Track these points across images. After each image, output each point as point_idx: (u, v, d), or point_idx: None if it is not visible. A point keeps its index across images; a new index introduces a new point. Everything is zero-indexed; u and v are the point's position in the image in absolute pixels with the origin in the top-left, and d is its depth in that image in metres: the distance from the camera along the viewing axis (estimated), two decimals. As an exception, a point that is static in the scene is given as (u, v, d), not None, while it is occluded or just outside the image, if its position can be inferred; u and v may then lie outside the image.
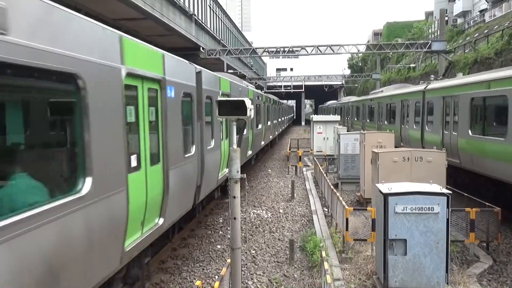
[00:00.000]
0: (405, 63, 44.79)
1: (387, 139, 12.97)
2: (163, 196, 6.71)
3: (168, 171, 6.80)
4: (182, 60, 7.97)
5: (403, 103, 18.83)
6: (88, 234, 4.41)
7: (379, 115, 23.48)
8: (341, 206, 9.13)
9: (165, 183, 6.77)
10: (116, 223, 5.05)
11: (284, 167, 22.70)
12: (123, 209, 5.23)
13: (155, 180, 6.42)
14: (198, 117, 8.88)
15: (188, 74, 8.25)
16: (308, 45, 29.35)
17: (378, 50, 28.70)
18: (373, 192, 8.69)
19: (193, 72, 8.65)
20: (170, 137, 6.93)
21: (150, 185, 6.20)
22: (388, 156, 9.98)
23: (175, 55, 7.66)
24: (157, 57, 6.58)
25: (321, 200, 14.19)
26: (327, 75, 61.85)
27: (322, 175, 13.95)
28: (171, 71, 7.10)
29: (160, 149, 6.66)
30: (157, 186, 6.47)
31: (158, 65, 6.61)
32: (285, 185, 17.64)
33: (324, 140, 23.10)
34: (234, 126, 6.25)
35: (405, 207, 6.54)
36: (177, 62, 7.56)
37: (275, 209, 13.45)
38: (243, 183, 6.53)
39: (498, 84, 10.48)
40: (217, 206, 13.55)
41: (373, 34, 77.35)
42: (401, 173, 9.63)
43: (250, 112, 5.85)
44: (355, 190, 15.28)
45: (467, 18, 45.45)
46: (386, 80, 50.20)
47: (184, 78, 7.89)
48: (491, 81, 10.90)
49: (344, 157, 15.79)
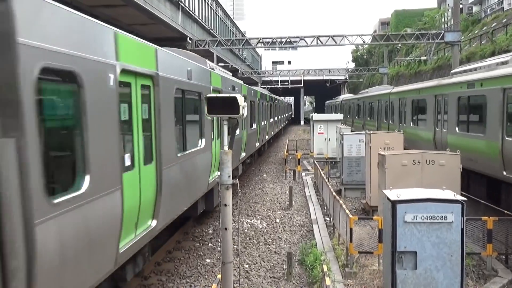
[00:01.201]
0: (415, 56, 45.04)
1: (395, 140, 13.03)
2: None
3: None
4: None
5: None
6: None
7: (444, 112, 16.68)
8: (345, 215, 9.16)
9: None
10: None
11: (281, 172, 22.71)
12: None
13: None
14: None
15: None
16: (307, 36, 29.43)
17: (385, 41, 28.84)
18: (380, 199, 8.71)
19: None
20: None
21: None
22: (396, 159, 10.02)
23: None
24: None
25: (322, 208, 14.22)
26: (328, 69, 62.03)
27: (323, 180, 13.98)
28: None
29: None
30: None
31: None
32: (282, 191, 17.65)
33: (325, 141, 23.16)
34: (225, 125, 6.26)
35: (416, 215, 6.56)
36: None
37: (271, 219, 13.46)
38: (235, 189, 6.54)
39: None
40: (206, 215, 13.54)
41: (380, 24, 77.72)
42: (411, 178, 9.67)
43: (243, 110, 5.86)
44: (360, 197, 15.32)
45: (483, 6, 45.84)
46: (395, 74, 50.46)
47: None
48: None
49: (348, 160, 15.84)
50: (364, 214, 13.20)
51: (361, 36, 29.34)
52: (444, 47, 34.93)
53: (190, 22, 30.86)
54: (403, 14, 65.76)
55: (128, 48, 6.08)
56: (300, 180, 20.18)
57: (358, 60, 77.95)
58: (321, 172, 15.59)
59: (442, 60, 35.44)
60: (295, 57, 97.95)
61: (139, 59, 6.47)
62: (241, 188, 18.02)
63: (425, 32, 28.89)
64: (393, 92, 23.62)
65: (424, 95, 17.63)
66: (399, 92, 22.13)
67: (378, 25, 78.74)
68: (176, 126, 8.23)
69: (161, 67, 7.34)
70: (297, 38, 29.82)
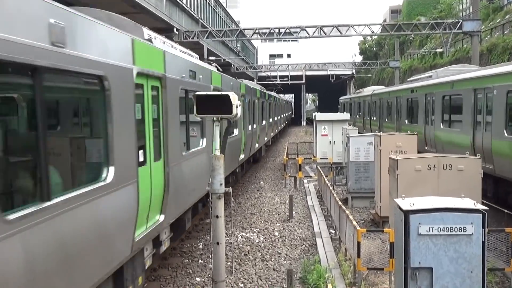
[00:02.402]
0: (430, 48, 45.26)
1: (408, 142, 13.05)
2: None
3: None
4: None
5: None
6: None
7: None
8: (352, 227, 9.16)
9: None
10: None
11: (280, 179, 22.72)
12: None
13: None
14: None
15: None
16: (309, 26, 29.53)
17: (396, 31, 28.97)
18: (391, 209, 8.71)
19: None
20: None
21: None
22: (409, 163, 10.04)
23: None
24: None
25: (326, 219, 14.24)
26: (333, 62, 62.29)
27: (328, 188, 14.00)
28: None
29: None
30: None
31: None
32: (282, 201, 17.66)
33: (330, 144, 23.19)
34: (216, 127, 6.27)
35: (431, 227, 6.57)
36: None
37: (268, 232, 13.46)
38: (228, 198, 6.56)
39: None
40: (195, 227, 13.51)
41: (390, 12, 78.04)
42: (425, 185, 9.69)
43: (237, 110, 5.87)
44: (369, 207, 15.34)
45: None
46: (407, 68, 50.66)
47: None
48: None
49: (355, 165, 15.86)
50: (373, 226, 13.21)
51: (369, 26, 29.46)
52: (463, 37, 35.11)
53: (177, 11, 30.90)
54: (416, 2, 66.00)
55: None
56: (301, 188, 20.19)
57: (366, 53, 78.22)
58: (325, 179, 15.60)
59: (460, 52, 35.63)
60: (296, 50, 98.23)
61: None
62: (235, 197, 18.00)
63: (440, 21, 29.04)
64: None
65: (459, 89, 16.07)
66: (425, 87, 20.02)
67: (388, 13, 79.07)
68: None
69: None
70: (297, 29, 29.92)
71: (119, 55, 6.49)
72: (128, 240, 6.73)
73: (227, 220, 12.46)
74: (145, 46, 7.65)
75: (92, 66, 5.65)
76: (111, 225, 6.12)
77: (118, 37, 6.56)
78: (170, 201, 8.52)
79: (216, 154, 6.18)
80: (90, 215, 5.52)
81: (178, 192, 9.03)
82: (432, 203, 6.85)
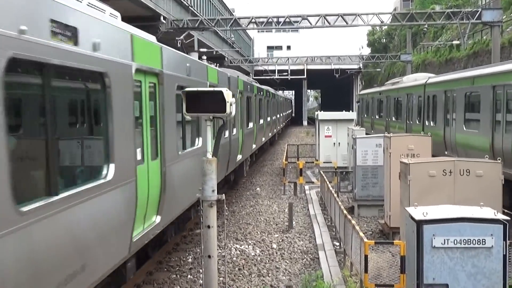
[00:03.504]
0: (446, 40, 45.39)
1: (421, 144, 13.07)
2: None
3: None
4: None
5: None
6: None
7: None
8: (358, 239, 9.19)
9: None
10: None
11: (278, 185, 22.74)
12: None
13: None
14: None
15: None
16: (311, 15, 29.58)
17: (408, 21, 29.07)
18: (403, 219, 8.73)
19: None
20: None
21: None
22: (422, 168, 10.07)
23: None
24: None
25: (330, 230, 14.26)
26: (338, 56, 62.36)
27: (332, 196, 14.02)
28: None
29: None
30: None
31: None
32: (280, 209, 17.68)
33: (334, 147, 23.22)
34: (208, 127, 6.29)
35: (447, 239, 6.59)
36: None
37: (265, 243, 13.47)
38: (221, 207, 6.58)
39: None
40: (184, 239, 13.51)
41: (402, 0, 78.27)
42: (440, 192, 9.71)
43: (231, 108, 5.89)
44: (378, 217, 15.36)
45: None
46: (420, 62, 50.78)
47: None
48: None
49: (362, 170, 15.88)
50: (382, 238, 13.23)
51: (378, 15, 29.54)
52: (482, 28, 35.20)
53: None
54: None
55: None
56: (302, 195, 20.22)
57: (374, 45, 78.32)
58: (328, 185, 15.62)
59: (479, 45, 35.72)
60: (296, 42, 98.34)
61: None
62: (228, 205, 18.00)
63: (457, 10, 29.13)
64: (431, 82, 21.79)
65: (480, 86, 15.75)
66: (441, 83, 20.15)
67: (399, 1, 79.30)
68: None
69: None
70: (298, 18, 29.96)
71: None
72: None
73: (219, 231, 12.46)
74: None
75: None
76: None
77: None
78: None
79: (208, 157, 6.20)
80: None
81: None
82: (447, 212, 6.88)
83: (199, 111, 6.05)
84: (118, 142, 6.93)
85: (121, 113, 7.02)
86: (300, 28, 33.29)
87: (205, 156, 6.26)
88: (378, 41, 78.01)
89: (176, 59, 10.23)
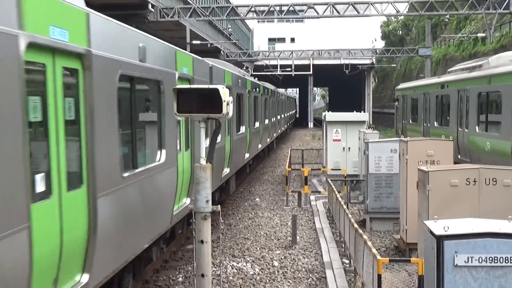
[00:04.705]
0: (470, 32, 45.50)
1: (442, 149, 13.09)
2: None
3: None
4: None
5: None
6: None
7: None
8: (371, 256, 9.20)
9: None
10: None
11: (280, 194, 22.73)
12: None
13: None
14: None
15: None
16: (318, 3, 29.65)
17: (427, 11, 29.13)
18: (421, 234, 8.75)
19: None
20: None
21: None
22: (443, 176, 10.07)
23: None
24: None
25: (339, 246, 14.27)
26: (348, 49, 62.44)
27: (341, 207, 14.05)
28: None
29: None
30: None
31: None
32: (283, 222, 17.68)
33: (343, 152, 23.21)
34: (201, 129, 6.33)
35: (470, 257, 6.59)
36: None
37: (266, 261, 13.47)
38: (217, 219, 6.61)
39: None
40: (174, 255, 13.52)
41: (421, -14, 78.49)
42: (463, 204, 9.71)
43: (228, 108, 5.93)
44: (392, 231, 15.36)
45: None
46: (441, 57, 50.90)
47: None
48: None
49: (375, 178, 15.90)
50: (397, 255, 13.24)
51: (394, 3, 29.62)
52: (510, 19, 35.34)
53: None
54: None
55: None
56: (307, 207, 20.21)
57: (389, 37, 78.53)
58: (337, 195, 15.64)
59: (507, 38, 35.85)
60: (301, 33, 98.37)
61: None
62: (224, 217, 18.03)
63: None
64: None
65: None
66: None
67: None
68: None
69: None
70: (303, 6, 30.08)
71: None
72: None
73: (214, 246, 12.40)
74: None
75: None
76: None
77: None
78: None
79: (202, 164, 6.23)
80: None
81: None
82: (471, 226, 6.86)
83: (192, 111, 6.08)
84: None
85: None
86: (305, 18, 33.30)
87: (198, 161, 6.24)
88: (394, 33, 78.18)
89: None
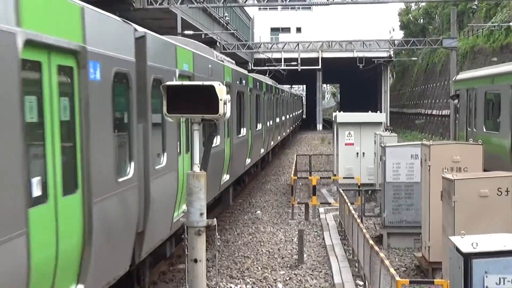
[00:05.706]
0: (501, 21, 45.47)
1: (469, 155, 12.99)
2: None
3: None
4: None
5: None
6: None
7: None
8: (389, 277, 9.15)
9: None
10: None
11: (284, 206, 22.74)
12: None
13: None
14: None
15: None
16: (328, -11, 29.64)
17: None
18: (446, 252, 8.67)
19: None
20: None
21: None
22: (471, 186, 10.05)
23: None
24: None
25: (352, 265, 14.23)
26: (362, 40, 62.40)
27: (354, 221, 13.97)
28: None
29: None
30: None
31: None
32: (287, 238, 17.66)
33: (357, 158, 23.23)
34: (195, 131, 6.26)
35: (503, 278, 6.56)
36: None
37: (268, 282, 13.43)
38: (213, 234, 6.54)
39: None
40: (164, 275, 13.45)
41: (443, -30, 78.71)
42: (494, 217, 9.70)
43: (225, 108, 5.85)
44: (413, 248, 15.31)
45: None
46: (468, 49, 50.91)
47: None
48: None
49: (394, 187, 15.87)
50: (419, 276, 13.19)
51: (414, -11, 29.58)
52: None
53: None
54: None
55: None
56: (316, 221, 20.21)
57: (409, 27, 78.72)
58: (350, 207, 15.59)
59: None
60: (309, 23, 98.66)
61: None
62: (221, 232, 17.95)
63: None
64: None
65: None
66: None
67: (440, -28, 79.74)
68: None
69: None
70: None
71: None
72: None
73: (209, 266, 12.38)
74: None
75: None
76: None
77: None
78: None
79: (195, 171, 6.16)
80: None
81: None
82: (504, 243, 6.84)
83: (184, 111, 6.00)
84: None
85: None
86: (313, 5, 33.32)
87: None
88: (414, 22, 78.39)
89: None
